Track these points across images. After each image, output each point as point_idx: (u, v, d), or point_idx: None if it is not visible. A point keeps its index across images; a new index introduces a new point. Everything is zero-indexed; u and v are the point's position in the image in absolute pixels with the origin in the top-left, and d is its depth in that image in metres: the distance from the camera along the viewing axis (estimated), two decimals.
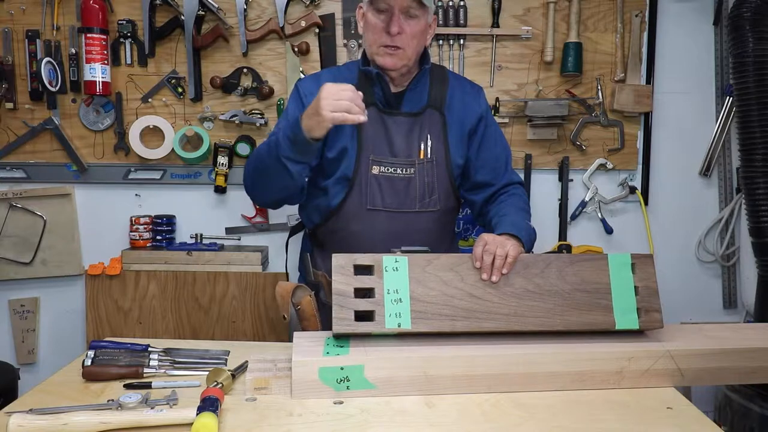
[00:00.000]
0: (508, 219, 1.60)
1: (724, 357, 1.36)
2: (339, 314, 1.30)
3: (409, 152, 1.68)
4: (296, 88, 1.73)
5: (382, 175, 1.67)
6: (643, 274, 1.42)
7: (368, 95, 1.65)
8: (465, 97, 1.75)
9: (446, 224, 1.79)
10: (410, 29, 1.57)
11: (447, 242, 1.82)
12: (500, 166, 1.78)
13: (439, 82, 1.73)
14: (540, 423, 1.16)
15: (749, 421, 1.95)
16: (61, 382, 1.32)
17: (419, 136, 1.68)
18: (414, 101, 1.70)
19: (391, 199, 1.67)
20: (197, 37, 2.40)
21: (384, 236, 1.64)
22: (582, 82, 2.54)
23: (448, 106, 1.72)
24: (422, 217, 1.70)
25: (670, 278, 2.64)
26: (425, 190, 1.69)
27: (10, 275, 2.53)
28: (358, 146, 1.66)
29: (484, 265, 1.37)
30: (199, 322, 2.45)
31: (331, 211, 1.70)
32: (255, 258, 2.45)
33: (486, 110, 1.78)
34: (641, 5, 2.52)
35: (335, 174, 1.68)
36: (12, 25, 2.42)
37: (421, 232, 1.68)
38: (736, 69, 2.30)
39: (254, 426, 1.13)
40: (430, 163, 1.68)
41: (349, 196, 1.67)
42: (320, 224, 1.75)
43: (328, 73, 1.78)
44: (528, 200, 1.80)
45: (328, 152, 1.68)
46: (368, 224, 1.67)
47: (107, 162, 2.52)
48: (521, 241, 1.48)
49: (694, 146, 2.63)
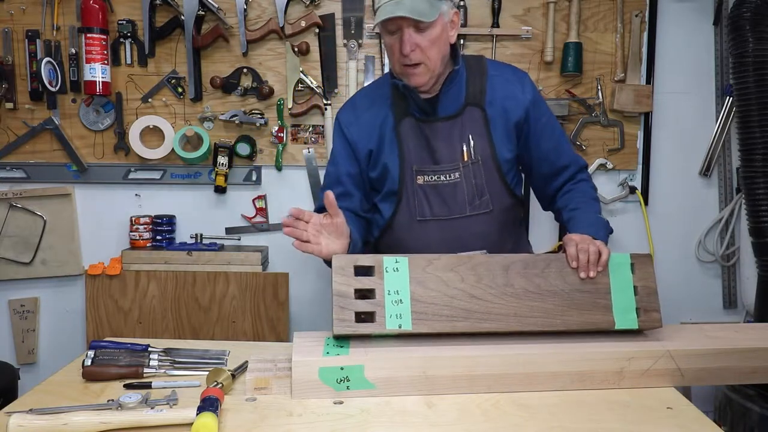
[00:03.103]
0: (582, 217, 1.57)
1: (724, 357, 1.36)
2: (339, 315, 1.30)
3: (452, 156, 1.62)
4: (337, 121, 1.72)
5: (427, 184, 1.63)
6: (642, 273, 1.42)
7: (402, 107, 1.64)
8: (507, 86, 1.64)
9: (506, 223, 1.71)
10: (424, 41, 1.50)
11: (512, 241, 1.75)
12: (564, 154, 1.70)
13: (477, 76, 1.64)
14: (540, 423, 1.16)
15: (749, 421, 1.95)
16: (61, 382, 1.32)
17: (461, 138, 1.62)
18: (450, 103, 1.63)
19: (439, 208, 1.64)
20: (197, 37, 2.40)
21: (439, 245, 1.59)
22: (582, 82, 2.54)
23: (489, 101, 1.62)
24: (476, 220, 1.64)
25: (670, 278, 2.63)
26: (474, 192, 1.63)
27: (10, 275, 2.53)
28: (400, 160, 1.63)
29: (581, 263, 1.38)
30: (199, 322, 2.45)
31: (385, 225, 1.70)
32: (255, 258, 2.45)
33: (533, 99, 1.65)
34: (641, 5, 2.52)
35: (383, 190, 1.68)
36: (12, 25, 2.42)
37: (477, 236, 1.63)
38: (736, 69, 2.30)
39: (254, 426, 1.13)
40: (475, 164, 1.62)
41: (398, 209, 1.66)
42: (378, 238, 1.75)
43: (363, 95, 1.76)
44: (594, 185, 1.73)
45: (372, 172, 1.68)
46: (421, 235, 1.65)
47: (107, 162, 2.52)
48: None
49: (694, 146, 2.63)
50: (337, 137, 1.72)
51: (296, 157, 2.53)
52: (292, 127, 2.52)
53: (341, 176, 1.69)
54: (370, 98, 1.71)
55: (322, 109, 2.47)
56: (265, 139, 2.52)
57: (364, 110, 1.69)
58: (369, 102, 1.69)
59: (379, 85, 1.74)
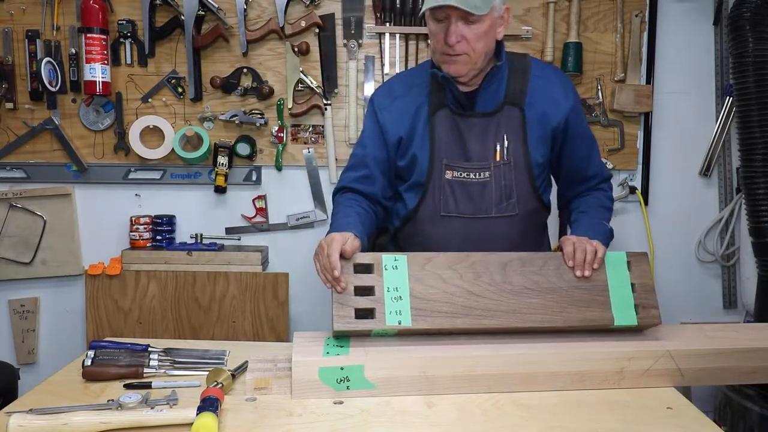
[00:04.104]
0: (586, 221, 1.57)
1: (724, 357, 1.36)
2: (339, 312, 1.30)
3: (484, 155, 1.58)
4: (371, 102, 1.69)
5: (455, 180, 1.59)
6: (638, 271, 1.43)
7: (440, 98, 1.59)
8: (549, 89, 1.60)
9: (529, 228, 1.68)
10: (472, 33, 1.46)
11: (532, 247, 1.67)
12: (591, 164, 1.69)
13: (519, 75, 1.60)
14: (540, 423, 1.16)
15: (749, 421, 1.95)
16: (61, 382, 1.32)
17: (495, 136, 1.58)
18: (488, 100, 1.58)
19: (465, 205, 1.60)
20: (197, 37, 2.40)
21: (460, 242, 1.57)
22: (582, 82, 2.53)
23: (529, 102, 1.58)
24: (500, 222, 1.60)
25: (670, 278, 2.64)
26: (502, 194, 1.59)
27: (10, 275, 2.53)
28: (430, 152, 1.59)
29: (577, 262, 1.39)
30: (199, 322, 2.45)
31: (408, 216, 1.67)
32: (255, 258, 2.45)
33: (574, 105, 1.62)
34: (641, 5, 2.52)
35: (409, 180, 1.64)
36: (12, 25, 2.42)
37: (500, 238, 1.60)
38: (736, 69, 2.30)
39: (254, 426, 1.13)
40: (507, 165, 1.59)
41: (423, 202, 1.63)
42: (399, 228, 1.72)
43: (400, 80, 1.71)
44: (611, 196, 1.72)
45: (400, 161, 1.64)
46: (443, 230, 1.62)
47: (107, 162, 2.52)
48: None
49: (694, 146, 2.64)
50: (369, 119, 1.68)
51: (296, 157, 2.53)
52: (292, 127, 2.52)
53: (368, 159, 1.64)
54: (407, 84, 1.66)
55: (322, 109, 2.47)
56: (265, 139, 2.52)
57: (400, 96, 1.64)
58: (406, 88, 1.65)
59: (419, 72, 1.68)
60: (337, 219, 1.54)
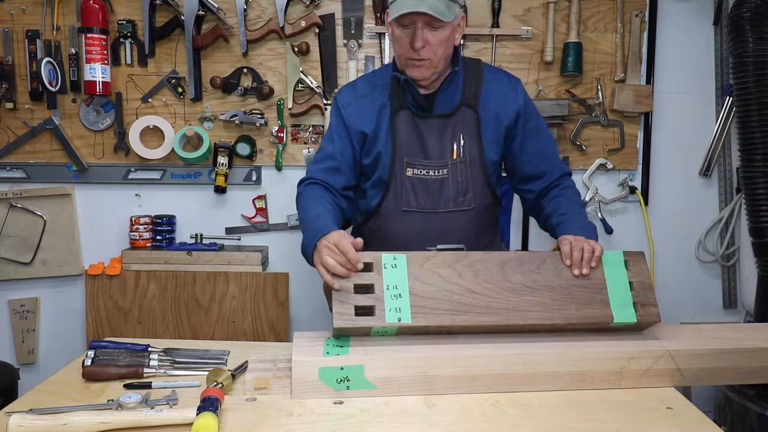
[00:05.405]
0: (573, 221, 1.60)
1: (724, 357, 1.36)
2: (339, 309, 1.30)
3: (442, 153, 1.69)
4: (335, 101, 1.77)
5: (415, 177, 1.69)
6: (636, 270, 1.43)
7: (400, 99, 1.69)
8: (501, 91, 1.72)
9: (484, 222, 1.79)
10: (435, 39, 1.56)
11: (487, 239, 1.83)
12: (547, 158, 1.75)
13: (473, 79, 1.71)
14: (540, 423, 1.16)
15: (749, 421, 1.95)
16: (61, 382, 1.32)
17: (452, 136, 1.69)
18: (446, 102, 1.69)
19: (425, 200, 1.70)
20: (197, 37, 2.40)
21: (420, 236, 1.67)
22: (582, 82, 2.54)
23: (482, 104, 1.70)
24: (457, 216, 1.71)
25: (670, 278, 2.64)
26: (459, 189, 1.70)
27: (10, 275, 2.53)
28: (392, 150, 1.69)
29: (574, 260, 1.41)
30: (199, 322, 2.45)
31: (370, 212, 1.76)
32: (255, 258, 2.45)
33: (524, 104, 1.73)
34: (641, 5, 2.52)
35: (372, 177, 1.73)
36: (12, 25, 2.42)
37: (457, 231, 1.70)
38: (736, 69, 2.30)
39: (254, 426, 1.13)
40: (463, 162, 1.70)
41: (386, 198, 1.72)
42: (362, 224, 1.82)
43: (364, 81, 1.79)
44: (578, 192, 1.78)
45: (365, 159, 1.73)
46: (404, 225, 1.72)
47: (107, 162, 2.52)
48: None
49: (694, 146, 2.63)
50: (335, 116, 1.76)
51: (296, 157, 2.53)
52: (292, 127, 2.52)
53: (336, 153, 1.71)
54: (370, 84, 1.75)
55: (322, 109, 2.47)
56: (265, 139, 2.52)
57: (364, 95, 1.73)
58: (369, 88, 1.74)
59: (381, 74, 1.78)
60: (311, 218, 1.55)
